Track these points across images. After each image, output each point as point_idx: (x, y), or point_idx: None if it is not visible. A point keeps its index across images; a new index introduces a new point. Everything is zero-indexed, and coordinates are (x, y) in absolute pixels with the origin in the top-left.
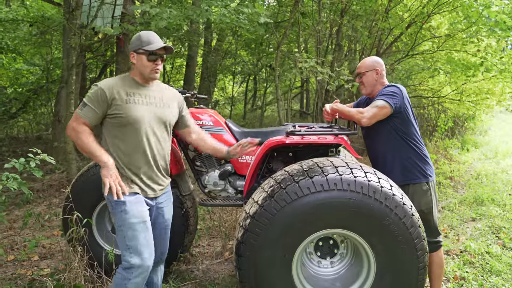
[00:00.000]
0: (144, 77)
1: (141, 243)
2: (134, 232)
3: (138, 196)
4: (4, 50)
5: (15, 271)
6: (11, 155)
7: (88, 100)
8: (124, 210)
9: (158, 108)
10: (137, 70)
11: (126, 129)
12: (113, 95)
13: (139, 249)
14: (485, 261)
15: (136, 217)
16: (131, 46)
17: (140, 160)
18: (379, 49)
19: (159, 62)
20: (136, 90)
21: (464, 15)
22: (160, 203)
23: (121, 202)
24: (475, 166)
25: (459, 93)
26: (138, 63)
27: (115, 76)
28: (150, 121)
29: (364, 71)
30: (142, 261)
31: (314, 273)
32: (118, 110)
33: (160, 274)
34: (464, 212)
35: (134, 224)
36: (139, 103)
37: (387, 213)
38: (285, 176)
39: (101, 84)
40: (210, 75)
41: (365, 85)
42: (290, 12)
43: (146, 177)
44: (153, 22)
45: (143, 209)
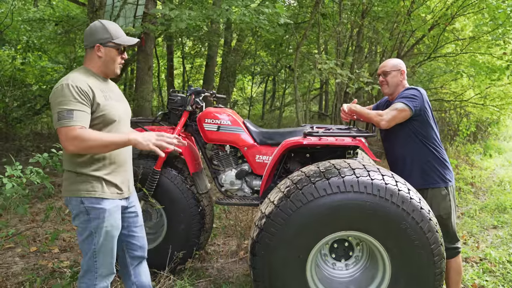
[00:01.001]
0: (109, 71)
1: (111, 252)
2: (107, 242)
3: (117, 204)
4: (31, 49)
5: (37, 262)
6: (34, 150)
7: (69, 103)
8: (103, 218)
9: (123, 103)
10: (101, 64)
11: (108, 129)
12: (92, 92)
13: (108, 257)
14: (506, 270)
15: (113, 226)
16: (95, 38)
17: (124, 158)
18: (400, 51)
19: (125, 55)
20: (104, 86)
21: (490, 16)
22: (132, 201)
23: (101, 208)
24: (498, 172)
25: (482, 97)
26: (106, 56)
27: (77, 71)
28: (125, 118)
29: (389, 70)
30: (106, 268)
31: (329, 275)
32: (100, 108)
33: (147, 272)
34: (485, 219)
35: (109, 233)
36: (113, 99)
37: (404, 217)
38: (302, 176)
39: (71, 81)
40: (229, 75)
41: (389, 84)
42: (311, 13)
43: (128, 175)
44: (173, 24)
45: (119, 217)
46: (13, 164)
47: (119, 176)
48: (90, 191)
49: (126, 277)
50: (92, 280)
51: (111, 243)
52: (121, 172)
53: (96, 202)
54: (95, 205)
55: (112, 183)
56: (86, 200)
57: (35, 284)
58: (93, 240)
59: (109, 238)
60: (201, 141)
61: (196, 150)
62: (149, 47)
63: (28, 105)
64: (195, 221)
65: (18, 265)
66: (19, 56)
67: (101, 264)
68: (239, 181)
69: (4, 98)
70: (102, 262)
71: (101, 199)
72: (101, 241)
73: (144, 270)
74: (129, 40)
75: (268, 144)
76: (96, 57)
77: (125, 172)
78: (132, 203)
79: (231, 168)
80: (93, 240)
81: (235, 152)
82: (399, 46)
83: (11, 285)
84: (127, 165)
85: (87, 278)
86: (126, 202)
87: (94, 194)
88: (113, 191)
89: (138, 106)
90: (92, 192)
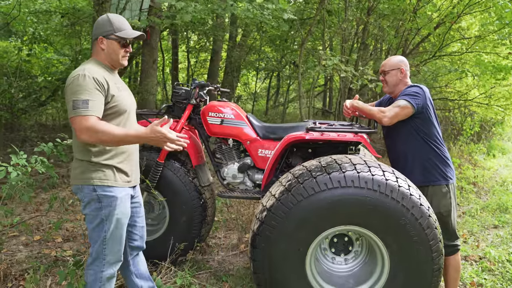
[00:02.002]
0: (114, 63)
1: (120, 239)
2: (118, 229)
3: (127, 192)
4: (37, 40)
5: (40, 251)
6: (39, 141)
7: (86, 93)
8: (114, 206)
9: (131, 95)
10: (106, 56)
11: (119, 119)
12: (106, 83)
13: (117, 245)
14: (505, 269)
15: (123, 213)
16: (99, 31)
17: (134, 147)
18: (406, 49)
19: (129, 48)
20: (114, 77)
21: (497, 15)
22: (137, 191)
23: (112, 197)
24: (501, 172)
25: (487, 96)
26: (108, 49)
27: (90, 63)
28: (133, 108)
29: (389, 69)
30: (115, 256)
31: (328, 269)
32: (114, 99)
33: (144, 262)
34: (486, 219)
35: (119, 220)
36: (123, 90)
37: (403, 213)
38: (303, 171)
39: (88, 72)
40: (234, 70)
41: (388, 83)
42: (316, 9)
43: (135, 164)
44: (178, 16)
45: (129, 205)
46: (17, 154)
47: (129, 164)
48: (103, 179)
49: (124, 266)
50: (100, 267)
51: (121, 230)
52: (130, 161)
53: (109, 190)
54: (108, 193)
55: (123, 171)
56: (99, 188)
57: (39, 272)
58: (104, 227)
59: (120, 225)
60: (205, 134)
61: (199, 143)
62: (154, 41)
63: (34, 96)
64: (197, 213)
65: (22, 253)
66: (25, 47)
67: (110, 251)
68: (241, 174)
69: (10, 89)
70: (111, 249)
71: (113, 187)
72: (112, 229)
73: (141, 260)
74: (132, 33)
75: (270, 138)
76: (99, 49)
77: (133, 161)
78: (137, 193)
79: (233, 162)
80: (103, 227)
81: (238, 146)
82: (405, 44)
83: (15, 272)
84: (136, 154)
85: (95, 265)
86: (133, 191)
87: (107, 183)
88: (124, 179)
89: (142, 99)
90: (104, 180)
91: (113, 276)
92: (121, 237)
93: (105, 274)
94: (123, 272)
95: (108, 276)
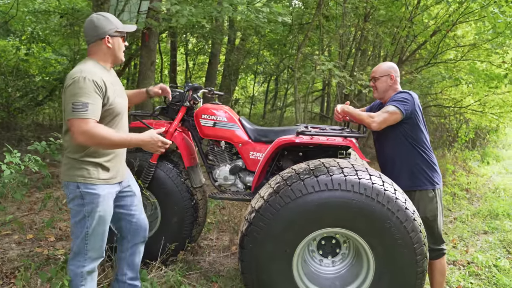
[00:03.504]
0: (117, 60)
1: (102, 236)
2: (99, 226)
3: (110, 190)
4: (35, 40)
5: (32, 249)
6: (36, 140)
7: (87, 96)
8: (97, 203)
9: (124, 96)
10: (110, 54)
11: (113, 121)
12: (105, 86)
13: (98, 241)
14: (491, 274)
15: (105, 211)
16: (102, 31)
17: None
18: (402, 56)
19: (126, 42)
20: (110, 77)
21: (491, 24)
22: (126, 183)
23: (95, 194)
24: (494, 179)
25: (481, 104)
26: (114, 46)
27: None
28: (125, 110)
29: (379, 76)
30: (96, 252)
31: (315, 270)
32: (110, 102)
33: (141, 254)
34: (476, 225)
35: (102, 217)
36: (118, 90)
37: (388, 216)
38: (292, 173)
39: (89, 75)
40: (232, 73)
41: (378, 89)
42: (313, 14)
43: (122, 161)
44: (174, 18)
45: (112, 203)
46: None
47: (116, 162)
48: (86, 177)
49: (120, 251)
50: (82, 262)
51: (103, 227)
52: (117, 159)
53: (91, 188)
54: (90, 190)
55: (108, 169)
56: (82, 185)
57: (30, 270)
58: (86, 223)
59: (102, 222)
60: (197, 136)
61: (192, 145)
62: (152, 43)
63: (31, 96)
64: (188, 214)
65: (14, 251)
66: (23, 46)
67: (92, 247)
68: (233, 176)
69: (7, 88)
70: (92, 245)
71: (96, 185)
72: (94, 225)
73: (139, 252)
74: (131, 27)
75: (262, 141)
76: (105, 48)
77: (121, 158)
78: (126, 184)
79: (225, 164)
80: (85, 223)
81: (230, 148)
82: (401, 51)
83: (7, 270)
84: (124, 151)
85: (76, 260)
86: (119, 186)
87: (90, 181)
88: (108, 177)
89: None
90: (88, 178)
91: (93, 270)
92: (103, 233)
93: (86, 269)
94: (118, 255)
95: (89, 270)
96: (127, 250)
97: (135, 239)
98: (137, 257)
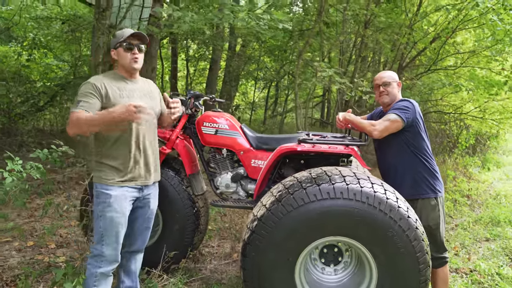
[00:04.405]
0: (126, 68)
1: (116, 237)
2: (112, 226)
3: (125, 192)
4: (37, 46)
5: (33, 256)
6: (36, 146)
7: (81, 96)
8: (108, 203)
9: (150, 100)
10: (120, 65)
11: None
12: (106, 89)
13: (112, 242)
14: (494, 282)
15: (117, 211)
16: (111, 46)
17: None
18: (402, 63)
19: (136, 51)
20: (125, 84)
21: (491, 32)
22: (147, 194)
23: (107, 194)
24: (495, 186)
25: (481, 110)
26: (118, 57)
27: (104, 73)
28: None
29: (391, 81)
30: (112, 253)
31: (318, 279)
32: (111, 103)
33: (138, 263)
34: (478, 232)
35: (113, 218)
36: (130, 97)
37: (391, 225)
38: (294, 182)
39: (91, 80)
40: (232, 79)
41: (389, 94)
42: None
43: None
44: (176, 25)
45: (126, 205)
46: (13, 160)
47: (133, 166)
48: (102, 178)
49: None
50: (98, 263)
51: (115, 228)
52: (135, 163)
53: (105, 188)
54: (104, 190)
55: (123, 172)
56: (99, 185)
57: (31, 278)
58: (99, 223)
59: (114, 223)
60: (199, 143)
61: (194, 152)
62: (153, 49)
63: (32, 101)
64: (189, 221)
65: (14, 258)
66: (24, 52)
67: (107, 248)
68: (234, 184)
69: (8, 93)
70: (107, 247)
71: (109, 186)
72: (106, 225)
73: (137, 260)
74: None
75: (263, 149)
76: (115, 61)
77: (139, 163)
78: (147, 193)
79: (227, 171)
80: (99, 223)
81: (231, 155)
82: (401, 57)
83: (7, 277)
84: (146, 155)
85: (94, 259)
86: (138, 191)
87: (105, 181)
88: (122, 179)
89: None
90: (104, 179)
91: (108, 274)
92: (117, 235)
93: (101, 270)
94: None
95: (104, 272)
96: (123, 257)
97: (131, 247)
98: (133, 265)
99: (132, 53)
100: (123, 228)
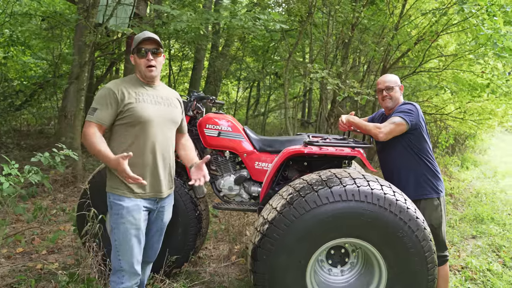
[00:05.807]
0: (143, 75)
1: (130, 250)
2: (126, 238)
3: (138, 203)
4: (14, 43)
5: (24, 264)
6: (15, 147)
7: (97, 103)
8: (121, 215)
9: (166, 107)
10: (137, 70)
11: (135, 129)
12: (122, 94)
13: (128, 254)
14: (486, 278)
15: (131, 223)
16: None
17: (149, 159)
18: (386, 64)
19: (150, 57)
20: (143, 90)
21: (473, 36)
22: (162, 207)
23: (120, 205)
24: (475, 184)
25: (462, 111)
26: (135, 63)
27: (124, 77)
28: (159, 121)
29: (394, 85)
30: (130, 266)
31: (325, 280)
32: (129, 109)
33: (147, 273)
34: (465, 229)
35: (127, 230)
36: (148, 102)
37: (401, 226)
38: (304, 184)
39: (109, 85)
40: (216, 79)
41: (393, 99)
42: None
43: (153, 177)
44: (172, 23)
45: (140, 217)
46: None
47: (146, 177)
48: (113, 188)
49: None
50: (120, 278)
51: (129, 241)
52: (148, 174)
53: (118, 199)
54: (117, 201)
55: (137, 184)
56: (111, 195)
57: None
58: (113, 236)
59: (128, 235)
60: (201, 146)
61: None
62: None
63: (9, 101)
64: (192, 225)
65: (3, 266)
66: (0, 50)
67: (124, 262)
68: (238, 186)
69: None
70: (124, 260)
71: (122, 196)
72: (120, 238)
73: (146, 270)
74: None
75: (267, 151)
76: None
77: (153, 174)
78: (161, 207)
79: (229, 174)
80: (113, 236)
81: (234, 158)
82: (385, 59)
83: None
84: (160, 166)
85: (116, 276)
86: (152, 203)
87: (117, 192)
88: (135, 191)
89: None
90: (115, 189)
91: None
92: (131, 248)
93: (123, 286)
94: None
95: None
96: None
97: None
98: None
99: (147, 59)
100: (138, 241)
